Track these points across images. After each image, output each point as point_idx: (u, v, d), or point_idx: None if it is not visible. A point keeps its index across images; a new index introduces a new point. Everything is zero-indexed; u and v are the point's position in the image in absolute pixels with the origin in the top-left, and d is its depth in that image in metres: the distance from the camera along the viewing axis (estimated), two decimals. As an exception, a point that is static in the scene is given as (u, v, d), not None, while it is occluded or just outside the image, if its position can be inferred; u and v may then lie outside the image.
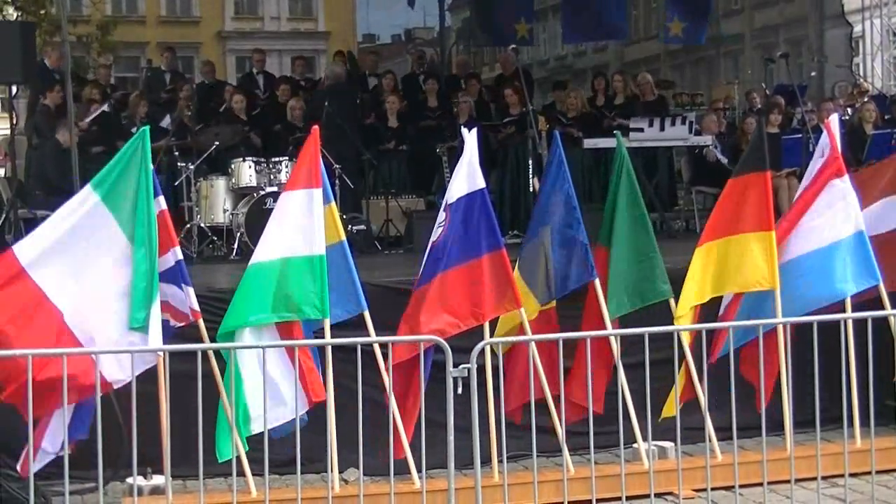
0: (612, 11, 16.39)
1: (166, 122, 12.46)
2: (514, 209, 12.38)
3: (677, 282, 7.37)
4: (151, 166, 6.37)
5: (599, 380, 6.73)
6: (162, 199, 6.48)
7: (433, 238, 6.84)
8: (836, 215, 7.46)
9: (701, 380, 6.69)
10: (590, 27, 16.67)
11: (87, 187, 6.28)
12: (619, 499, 5.93)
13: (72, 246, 6.13)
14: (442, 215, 6.88)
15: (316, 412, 6.37)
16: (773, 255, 7.21)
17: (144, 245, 6.23)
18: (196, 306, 6.51)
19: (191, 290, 6.51)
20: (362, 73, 15.36)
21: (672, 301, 7.25)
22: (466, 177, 6.88)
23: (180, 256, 6.54)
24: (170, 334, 6.40)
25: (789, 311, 7.04)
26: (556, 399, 6.49)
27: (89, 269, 6.16)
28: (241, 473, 6.23)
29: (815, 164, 7.64)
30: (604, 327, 6.99)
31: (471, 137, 6.94)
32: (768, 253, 7.22)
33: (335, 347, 6.37)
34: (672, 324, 6.90)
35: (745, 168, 7.51)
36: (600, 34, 18.38)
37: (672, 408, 6.61)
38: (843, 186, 7.52)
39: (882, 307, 7.27)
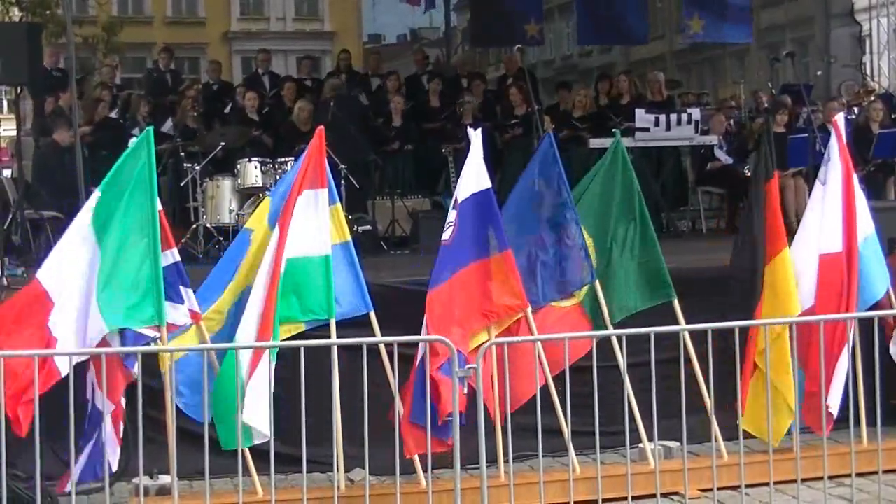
0: (633, 15, 16.31)
1: (167, 126, 12.43)
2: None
3: (681, 282, 7.37)
4: (155, 167, 6.39)
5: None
6: (157, 200, 6.48)
7: (444, 237, 6.76)
8: (854, 214, 7.44)
9: (707, 380, 6.70)
10: (609, 29, 16.58)
11: (96, 190, 6.35)
12: (625, 499, 5.93)
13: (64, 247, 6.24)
14: (452, 214, 6.81)
15: (323, 413, 6.37)
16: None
17: (149, 246, 6.25)
18: (196, 308, 6.51)
19: (190, 292, 6.51)
20: (364, 74, 15.37)
21: (676, 303, 7.23)
22: (473, 177, 6.86)
23: (178, 258, 6.54)
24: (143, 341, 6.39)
25: None
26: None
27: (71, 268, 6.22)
28: (246, 473, 6.23)
29: (823, 166, 7.60)
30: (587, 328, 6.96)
31: (476, 137, 6.92)
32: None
33: (341, 347, 6.37)
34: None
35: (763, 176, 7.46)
36: (619, 37, 18.24)
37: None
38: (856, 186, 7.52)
39: (889, 306, 7.27)
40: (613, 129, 8.48)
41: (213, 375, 6.15)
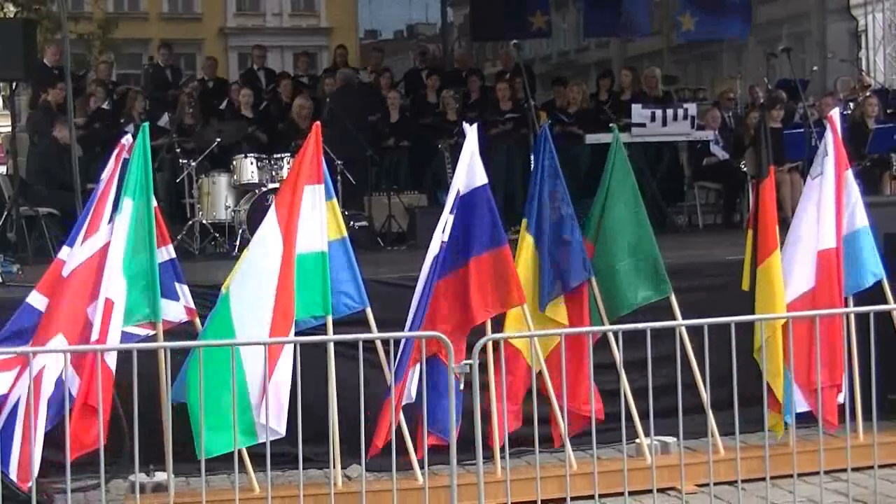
0: (637, 6, 16.30)
1: (164, 120, 12.42)
2: (506, 206, 12.27)
3: (680, 277, 7.35)
4: (151, 164, 6.38)
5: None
6: (153, 197, 6.46)
7: (443, 238, 6.62)
8: (843, 210, 7.45)
9: (703, 375, 6.68)
10: (613, 21, 16.56)
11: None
12: (622, 494, 5.93)
13: None
14: (447, 214, 6.71)
15: (319, 409, 6.37)
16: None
17: (144, 242, 6.25)
18: (192, 304, 6.50)
19: (185, 288, 6.50)
20: (363, 69, 15.38)
21: (673, 298, 7.22)
22: (468, 172, 6.82)
23: (173, 255, 6.53)
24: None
25: None
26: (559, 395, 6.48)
27: None
28: (243, 470, 6.22)
29: (818, 161, 7.60)
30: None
31: (472, 132, 6.89)
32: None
33: (337, 343, 6.36)
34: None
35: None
36: (623, 29, 18.25)
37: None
38: (848, 180, 7.52)
39: (884, 301, 7.27)
40: (611, 125, 8.43)
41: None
